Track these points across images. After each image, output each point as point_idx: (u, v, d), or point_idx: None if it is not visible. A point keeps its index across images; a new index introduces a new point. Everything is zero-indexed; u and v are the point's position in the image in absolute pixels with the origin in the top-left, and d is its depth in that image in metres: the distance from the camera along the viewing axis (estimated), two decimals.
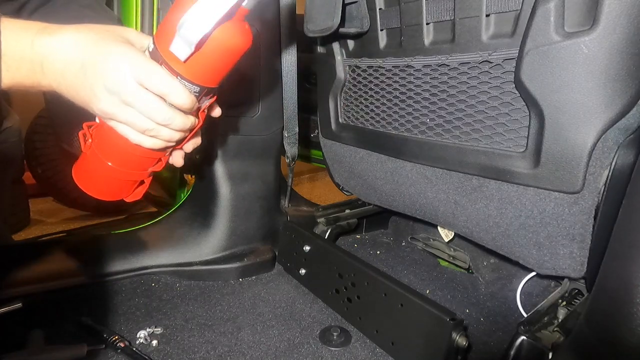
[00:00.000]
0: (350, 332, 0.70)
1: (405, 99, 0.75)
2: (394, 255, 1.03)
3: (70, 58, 0.42)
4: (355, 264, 0.73)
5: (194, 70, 0.44)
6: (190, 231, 0.90)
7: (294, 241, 0.89)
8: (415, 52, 0.70)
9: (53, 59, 0.42)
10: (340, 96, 0.91)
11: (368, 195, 0.95)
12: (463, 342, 0.56)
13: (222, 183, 0.90)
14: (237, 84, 0.88)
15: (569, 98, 0.52)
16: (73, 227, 1.77)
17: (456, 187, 0.71)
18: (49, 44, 0.42)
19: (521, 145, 0.60)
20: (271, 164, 0.98)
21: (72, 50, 0.42)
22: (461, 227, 0.75)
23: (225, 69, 0.47)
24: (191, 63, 0.43)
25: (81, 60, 0.42)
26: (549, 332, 0.57)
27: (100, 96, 0.42)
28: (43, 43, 0.41)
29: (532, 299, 0.80)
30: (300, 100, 0.93)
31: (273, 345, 0.67)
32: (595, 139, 0.52)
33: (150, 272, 0.81)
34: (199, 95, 0.47)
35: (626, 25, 0.47)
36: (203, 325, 0.70)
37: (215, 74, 0.46)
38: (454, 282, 0.91)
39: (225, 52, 0.45)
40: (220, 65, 0.46)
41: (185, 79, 0.44)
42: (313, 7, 0.74)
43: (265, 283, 0.86)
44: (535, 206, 0.60)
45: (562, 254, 0.60)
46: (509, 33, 0.57)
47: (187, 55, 0.41)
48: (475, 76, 0.63)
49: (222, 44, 0.43)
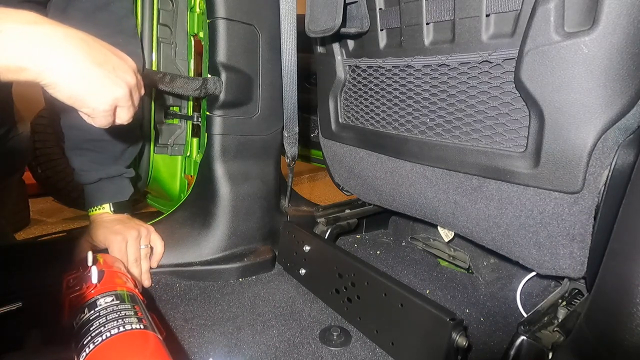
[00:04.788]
0: (350, 332, 0.70)
1: (405, 99, 0.75)
2: (394, 255, 1.03)
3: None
4: (355, 264, 0.73)
5: None
6: (191, 231, 0.89)
7: (294, 241, 0.89)
8: (415, 52, 0.70)
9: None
10: (340, 96, 0.91)
11: (368, 195, 0.95)
12: (463, 342, 0.56)
13: (222, 183, 0.90)
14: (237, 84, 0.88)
15: (569, 98, 0.52)
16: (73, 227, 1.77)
17: (456, 187, 0.71)
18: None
19: (521, 145, 0.60)
20: (271, 164, 0.98)
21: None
22: (461, 227, 0.75)
23: None
24: None
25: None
26: (549, 332, 0.57)
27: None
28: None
29: (532, 299, 0.80)
30: (300, 100, 0.93)
31: (273, 345, 0.67)
32: (595, 139, 0.52)
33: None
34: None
35: (626, 25, 0.47)
36: (203, 325, 0.70)
37: None
38: (454, 282, 0.91)
39: None
40: None
41: None
42: (314, 8, 0.74)
43: (265, 283, 0.86)
44: (535, 206, 0.60)
45: (562, 254, 0.60)
46: (509, 33, 0.57)
47: None
48: (475, 76, 0.63)
49: None
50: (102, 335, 0.46)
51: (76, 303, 0.54)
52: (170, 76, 0.88)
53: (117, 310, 0.50)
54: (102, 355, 0.44)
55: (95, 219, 0.80)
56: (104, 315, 0.49)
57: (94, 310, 0.51)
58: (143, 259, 0.78)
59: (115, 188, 0.82)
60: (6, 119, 0.81)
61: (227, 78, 0.86)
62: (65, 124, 0.79)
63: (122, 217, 0.81)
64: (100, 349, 0.44)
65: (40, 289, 0.68)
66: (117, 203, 0.82)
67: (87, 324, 0.48)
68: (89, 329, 0.47)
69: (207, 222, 0.90)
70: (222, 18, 0.83)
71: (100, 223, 0.78)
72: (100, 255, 0.68)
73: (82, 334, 0.47)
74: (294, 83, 0.91)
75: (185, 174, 1.09)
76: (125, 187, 0.84)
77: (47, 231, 1.52)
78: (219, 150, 0.90)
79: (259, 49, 0.89)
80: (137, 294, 0.59)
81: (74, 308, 0.54)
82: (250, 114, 0.92)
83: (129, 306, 0.52)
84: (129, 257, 0.75)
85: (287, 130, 0.95)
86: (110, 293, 0.54)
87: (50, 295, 0.63)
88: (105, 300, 0.53)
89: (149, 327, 0.50)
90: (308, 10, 0.76)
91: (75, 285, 0.58)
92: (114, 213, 0.81)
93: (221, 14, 0.83)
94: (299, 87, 0.92)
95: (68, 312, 0.55)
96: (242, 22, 0.85)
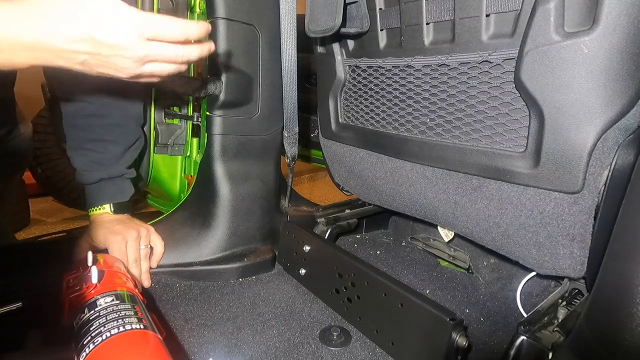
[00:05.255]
0: (350, 332, 0.70)
1: (405, 99, 0.75)
2: (394, 255, 1.03)
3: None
4: (355, 264, 0.73)
5: None
6: (191, 231, 0.90)
7: (294, 241, 0.89)
8: (415, 52, 0.70)
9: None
10: (340, 96, 0.91)
11: (368, 195, 0.95)
12: (463, 342, 0.56)
13: (222, 183, 0.90)
14: (237, 84, 0.88)
15: (569, 98, 0.52)
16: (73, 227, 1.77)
17: (456, 187, 0.71)
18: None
19: (521, 145, 0.60)
20: (271, 164, 0.98)
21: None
22: (461, 227, 0.75)
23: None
24: None
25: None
26: (549, 332, 0.57)
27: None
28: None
29: (532, 299, 0.80)
30: (300, 100, 0.93)
31: (273, 345, 0.67)
32: (595, 139, 0.52)
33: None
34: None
35: (626, 25, 0.47)
36: (203, 325, 0.70)
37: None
38: (454, 282, 0.91)
39: None
40: None
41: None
42: (314, 8, 0.74)
43: (265, 283, 0.86)
44: (535, 206, 0.60)
45: (562, 254, 0.60)
46: (509, 33, 0.57)
47: None
48: (475, 76, 0.63)
49: None
50: (102, 335, 0.46)
51: (76, 303, 0.54)
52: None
53: (117, 310, 0.50)
54: (102, 355, 0.44)
55: (95, 219, 0.80)
56: (104, 315, 0.49)
57: (94, 310, 0.51)
58: (143, 260, 0.78)
59: (116, 188, 0.82)
60: (8, 118, 0.81)
61: (227, 78, 0.86)
62: (67, 124, 0.79)
63: (122, 217, 0.81)
64: (100, 349, 0.44)
65: (40, 289, 0.68)
66: (118, 203, 0.82)
67: (87, 324, 0.49)
68: (89, 329, 0.47)
69: (207, 222, 0.90)
70: (222, 18, 0.83)
71: (100, 223, 0.78)
72: (100, 255, 0.68)
73: (82, 334, 0.47)
74: (294, 83, 0.91)
75: (185, 174, 1.09)
76: (126, 188, 0.84)
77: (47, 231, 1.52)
78: (219, 150, 0.90)
79: (259, 49, 0.89)
80: (137, 294, 0.59)
81: (74, 308, 0.54)
82: (250, 114, 0.92)
83: (129, 306, 0.52)
84: (129, 258, 0.75)
85: (287, 130, 0.95)
86: (110, 293, 0.54)
87: (50, 295, 0.63)
88: (105, 300, 0.53)
89: (149, 327, 0.50)
90: (308, 10, 0.76)
91: (75, 285, 0.58)
92: (114, 213, 0.81)
93: (221, 14, 0.83)
94: (299, 87, 0.92)
95: (68, 312, 0.55)
96: (242, 22, 0.85)
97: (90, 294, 0.54)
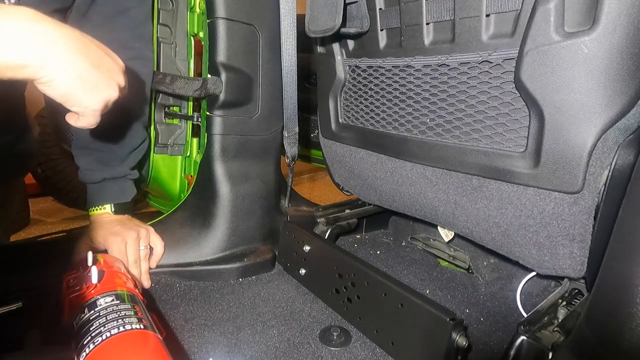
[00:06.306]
0: (350, 332, 0.70)
1: (405, 99, 0.75)
2: (394, 255, 1.03)
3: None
4: (355, 264, 0.73)
5: None
6: (191, 231, 0.90)
7: (294, 241, 0.89)
8: (415, 52, 0.70)
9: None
10: (340, 96, 0.91)
11: (368, 195, 0.95)
12: (463, 342, 0.56)
13: (222, 183, 0.90)
14: (237, 84, 0.88)
15: (569, 98, 0.52)
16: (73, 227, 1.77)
17: (456, 187, 0.71)
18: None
19: (521, 145, 0.60)
20: (271, 164, 0.98)
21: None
22: (461, 227, 0.75)
23: None
24: None
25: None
26: (549, 332, 0.57)
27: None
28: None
29: (532, 299, 0.80)
30: (300, 100, 0.93)
31: (273, 345, 0.67)
32: (595, 139, 0.52)
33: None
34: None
35: (626, 25, 0.47)
36: (203, 325, 0.70)
37: None
38: (454, 282, 0.91)
39: None
40: None
41: None
42: (314, 8, 0.74)
43: (265, 283, 0.86)
44: (535, 206, 0.60)
45: (562, 254, 0.60)
46: (509, 33, 0.57)
47: None
48: (475, 76, 0.63)
49: None
50: (102, 335, 0.46)
51: (76, 303, 0.54)
52: (171, 77, 0.88)
53: (117, 310, 0.50)
54: (102, 355, 0.44)
55: (96, 219, 0.80)
56: (104, 315, 0.49)
57: (94, 310, 0.51)
58: (142, 260, 0.78)
59: (119, 189, 0.82)
60: (20, 122, 0.81)
61: (227, 78, 0.86)
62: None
63: (122, 217, 0.81)
64: (100, 349, 0.44)
65: (40, 289, 0.68)
66: (118, 204, 0.82)
67: (87, 324, 0.49)
68: (89, 329, 0.47)
69: (207, 222, 0.90)
70: (222, 18, 0.83)
71: (100, 223, 0.78)
72: (100, 255, 0.68)
73: (82, 334, 0.47)
74: (294, 83, 0.91)
75: (185, 174, 1.09)
76: (128, 189, 0.84)
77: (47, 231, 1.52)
78: (219, 150, 0.90)
79: (259, 49, 0.89)
80: (137, 294, 0.59)
81: (74, 308, 0.54)
82: (250, 114, 0.92)
83: (129, 306, 0.52)
84: (129, 258, 0.75)
85: (287, 130, 0.95)
86: (110, 293, 0.54)
87: (50, 295, 0.63)
88: (105, 300, 0.53)
89: (149, 327, 0.50)
90: (308, 10, 0.76)
91: (75, 285, 0.58)
92: (115, 213, 0.81)
93: (221, 14, 0.83)
94: (299, 87, 0.92)
95: (68, 312, 0.55)
96: (242, 22, 0.85)
97: (90, 294, 0.54)
